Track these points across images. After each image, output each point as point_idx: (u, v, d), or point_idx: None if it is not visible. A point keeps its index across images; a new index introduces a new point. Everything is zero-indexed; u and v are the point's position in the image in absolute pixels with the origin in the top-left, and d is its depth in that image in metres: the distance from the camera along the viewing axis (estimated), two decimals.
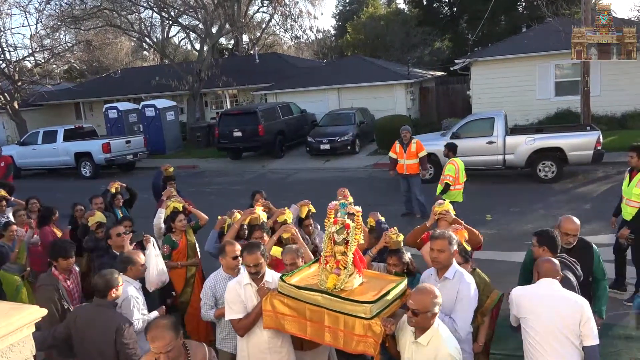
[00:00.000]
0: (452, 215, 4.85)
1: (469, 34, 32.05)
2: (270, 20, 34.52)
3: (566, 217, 4.71)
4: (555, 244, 4.19)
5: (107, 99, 28.50)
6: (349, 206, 3.77)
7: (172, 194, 6.78)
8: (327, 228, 3.66)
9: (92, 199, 7.31)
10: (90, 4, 26.37)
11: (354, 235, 3.61)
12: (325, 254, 3.67)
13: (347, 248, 3.59)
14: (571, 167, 13.04)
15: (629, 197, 6.37)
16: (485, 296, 4.04)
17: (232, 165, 19.61)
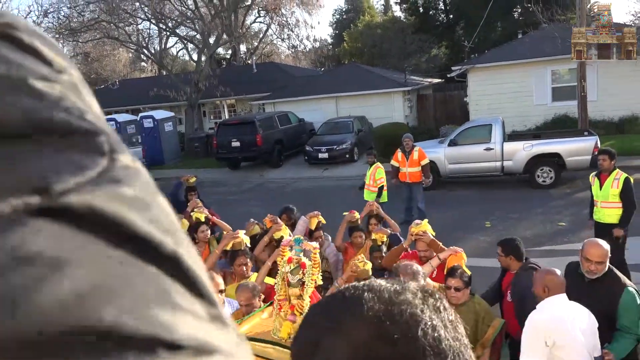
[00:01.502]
0: (430, 235, 4.62)
1: (465, 41, 32.16)
2: (267, 30, 34.69)
3: (590, 240, 4.08)
4: (519, 252, 4.34)
5: (106, 111, 28.26)
6: (305, 242, 3.45)
7: (198, 205, 6.69)
8: (280, 268, 3.30)
9: None
10: (88, 16, 26.50)
11: (311, 276, 3.26)
12: (279, 297, 3.30)
13: (304, 290, 3.23)
14: (569, 172, 13.04)
15: (606, 200, 6.53)
16: (487, 325, 3.79)
17: (230, 175, 19.61)
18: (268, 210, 6.64)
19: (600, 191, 6.64)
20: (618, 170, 6.62)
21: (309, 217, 5.79)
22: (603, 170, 6.64)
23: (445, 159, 13.48)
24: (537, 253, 8.21)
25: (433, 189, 13.00)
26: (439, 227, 10.34)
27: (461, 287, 3.79)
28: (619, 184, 6.43)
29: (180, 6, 27.38)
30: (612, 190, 6.47)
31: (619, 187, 6.42)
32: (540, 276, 3.48)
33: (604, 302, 3.63)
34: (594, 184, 6.78)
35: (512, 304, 4.32)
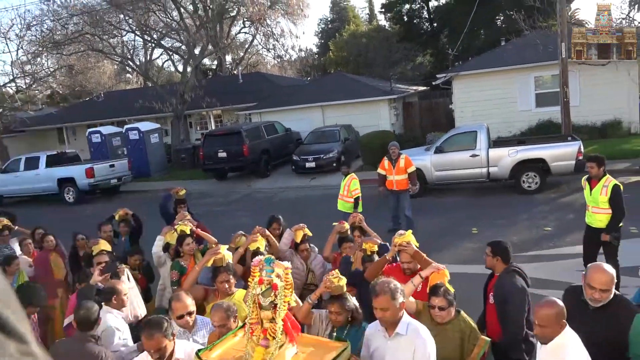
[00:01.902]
0: (413, 246, 4.45)
1: (449, 49, 32.48)
2: (253, 40, 34.81)
3: (594, 265, 3.60)
4: (508, 255, 4.34)
5: (91, 123, 28.31)
6: (276, 262, 3.23)
7: (185, 217, 6.59)
8: (251, 290, 3.11)
9: (101, 226, 6.99)
10: (72, 28, 26.32)
11: (284, 298, 3.08)
12: (251, 321, 3.12)
13: (276, 313, 3.05)
14: (554, 177, 13.16)
15: (596, 205, 6.58)
16: (472, 344, 3.69)
17: (217, 186, 19.52)
18: (256, 221, 6.60)
19: (590, 196, 6.68)
20: (608, 177, 6.60)
21: (294, 230, 5.68)
22: (592, 177, 6.67)
23: (432, 166, 13.55)
24: (524, 258, 8.26)
25: (420, 196, 13.04)
26: (426, 234, 10.38)
27: (445, 306, 3.67)
28: (607, 191, 6.42)
29: (165, 18, 27.33)
30: (601, 197, 6.49)
31: (607, 194, 6.43)
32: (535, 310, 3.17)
33: (612, 331, 3.33)
34: (585, 188, 6.83)
35: (494, 307, 4.33)
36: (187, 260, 5.69)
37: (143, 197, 18.93)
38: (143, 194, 19.76)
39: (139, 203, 17.46)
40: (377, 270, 4.60)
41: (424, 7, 40.41)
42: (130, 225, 7.56)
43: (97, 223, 7.23)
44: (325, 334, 3.85)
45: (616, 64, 16.40)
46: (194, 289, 4.55)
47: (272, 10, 28.54)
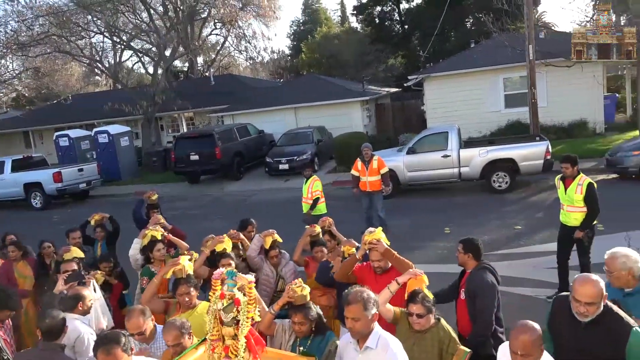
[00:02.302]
0: (384, 244, 4.31)
1: (420, 51, 32.87)
2: (225, 42, 34.53)
3: (580, 277, 3.22)
4: (479, 251, 4.37)
5: (58, 127, 27.66)
6: (239, 275, 3.06)
7: (159, 220, 6.49)
8: (212, 304, 2.96)
9: (69, 233, 6.78)
10: (38, 30, 25.68)
11: (247, 313, 2.93)
12: (212, 337, 2.95)
13: (239, 330, 2.91)
14: (523, 177, 13.41)
15: (571, 204, 6.64)
16: (451, 354, 3.60)
17: (190, 189, 19.29)
18: (230, 224, 6.52)
19: (565, 195, 6.74)
20: (582, 175, 6.63)
21: (264, 236, 5.50)
22: (567, 176, 6.73)
23: (405, 167, 13.66)
24: (495, 257, 8.38)
25: (393, 197, 13.13)
26: (400, 234, 10.46)
27: (423, 313, 3.55)
28: (582, 189, 6.48)
29: (135, 19, 26.90)
30: (576, 196, 6.57)
31: (582, 192, 6.50)
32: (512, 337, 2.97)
33: (607, 349, 3.09)
34: (558, 187, 6.89)
35: (464, 302, 4.35)
36: (157, 267, 5.57)
37: (113, 201, 18.58)
38: (113, 198, 19.41)
39: (110, 207, 17.12)
40: (346, 270, 4.51)
41: (395, 10, 40.75)
42: (107, 230, 7.38)
43: (65, 230, 7.02)
44: (288, 344, 3.76)
45: (581, 66, 16.82)
46: (154, 302, 4.36)
47: (243, 12, 28.39)
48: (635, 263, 3.54)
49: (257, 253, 5.47)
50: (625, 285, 3.60)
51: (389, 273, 4.29)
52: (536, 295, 6.93)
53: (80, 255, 5.78)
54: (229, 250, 5.20)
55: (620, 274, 3.56)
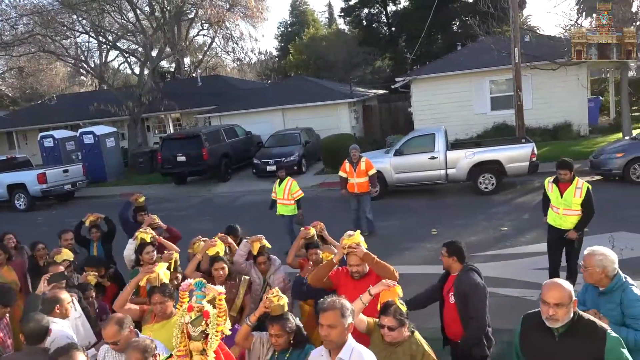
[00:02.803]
0: (362, 248, 4.15)
1: (407, 53, 33.02)
2: (212, 42, 34.38)
3: (548, 281, 3.24)
4: (462, 254, 4.33)
5: (43, 127, 27.33)
6: (208, 286, 2.91)
7: (154, 221, 6.40)
8: (179, 317, 2.82)
9: (61, 235, 6.65)
10: (22, 29, 25.39)
11: (216, 327, 2.78)
12: (178, 353, 2.80)
13: (207, 344, 2.77)
14: (509, 178, 13.53)
15: (568, 207, 6.50)
16: None
17: (177, 190, 19.17)
18: (217, 226, 6.49)
19: (561, 199, 6.55)
20: (578, 179, 6.55)
21: (251, 242, 5.34)
22: (565, 181, 6.53)
23: (392, 169, 13.71)
24: (482, 258, 8.45)
25: (381, 198, 13.18)
26: (387, 236, 10.50)
27: (395, 326, 3.37)
28: (581, 193, 6.40)
29: (121, 19, 26.69)
30: (575, 199, 6.42)
31: (582, 196, 6.38)
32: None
33: (585, 358, 3.05)
34: (551, 191, 6.68)
35: (454, 306, 4.26)
36: None
37: (99, 203, 18.38)
38: (99, 200, 19.21)
39: (95, 209, 16.94)
40: (321, 274, 4.31)
41: (382, 12, 40.91)
42: (102, 230, 7.26)
43: (57, 232, 6.89)
44: (266, 358, 3.65)
45: (566, 69, 17.01)
46: (127, 309, 4.20)
47: (231, 13, 28.27)
48: (611, 263, 3.65)
49: (244, 259, 5.35)
50: (598, 283, 3.72)
51: (367, 278, 4.16)
52: (523, 295, 6.99)
53: (70, 257, 5.68)
54: (222, 253, 5.09)
55: (594, 270, 3.67)
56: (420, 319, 4.57)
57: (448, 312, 4.38)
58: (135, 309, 4.28)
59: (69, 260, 5.59)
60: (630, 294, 3.63)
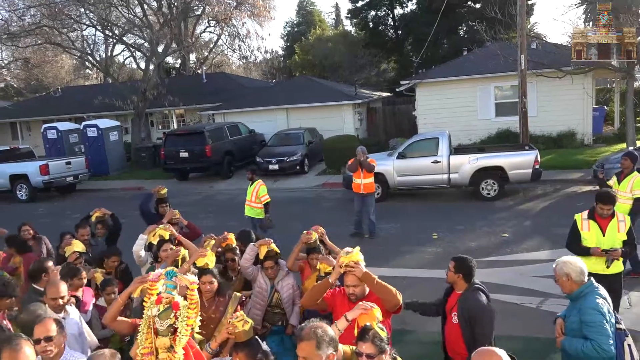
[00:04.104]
0: (362, 267, 3.72)
1: (413, 56, 33.01)
2: (218, 40, 34.36)
3: (482, 349, 2.74)
4: (471, 273, 4.05)
5: (47, 119, 27.35)
6: (179, 276, 2.69)
7: (175, 215, 6.34)
8: (146, 310, 2.56)
9: (78, 229, 6.51)
10: (29, 20, 25.40)
11: (186, 320, 2.54)
12: (143, 351, 2.55)
13: (176, 340, 2.51)
14: (512, 185, 13.52)
15: (612, 245, 5.29)
16: None
17: (178, 186, 19.17)
18: (219, 223, 6.47)
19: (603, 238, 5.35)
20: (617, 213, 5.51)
21: (259, 245, 5.08)
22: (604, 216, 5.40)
23: (394, 171, 13.70)
24: (482, 264, 8.42)
25: (382, 201, 13.18)
26: (388, 238, 10.50)
27: (374, 353, 2.94)
28: (626, 225, 5.38)
29: (128, 13, 26.70)
30: (620, 235, 5.34)
31: (626, 229, 5.34)
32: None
33: None
34: (588, 230, 5.44)
35: (457, 326, 4.04)
36: None
37: (100, 196, 18.42)
38: (100, 193, 19.25)
39: (97, 202, 16.99)
40: (315, 295, 3.88)
41: (389, 15, 40.88)
42: (108, 226, 7.16)
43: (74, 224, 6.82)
44: None
45: (572, 78, 16.98)
46: (118, 323, 3.83)
47: (238, 11, 28.25)
48: (573, 270, 3.76)
49: (250, 263, 5.12)
50: (570, 290, 3.83)
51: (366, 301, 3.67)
52: (521, 302, 6.98)
53: (81, 249, 5.61)
54: (212, 265, 4.67)
55: (561, 280, 3.81)
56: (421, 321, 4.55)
57: (450, 331, 4.17)
58: (126, 322, 3.89)
59: (78, 252, 5.53)
60: (588, 302, 3.67)
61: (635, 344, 3.81)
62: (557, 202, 12.66)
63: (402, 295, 3.79)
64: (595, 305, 3.63)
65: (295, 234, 5.71)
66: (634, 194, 7.32)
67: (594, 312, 3.60)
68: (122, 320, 3.85)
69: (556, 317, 4.02)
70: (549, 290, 7.22)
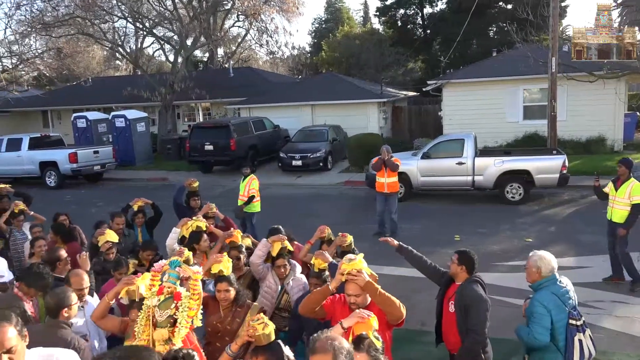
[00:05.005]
0: (365, 276, 3.51)
1: (441, 56, 32.69)
2: (246, 35, 34.57)
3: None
4: (473, 265, 4.22)
5: (77, 108, 27.93)
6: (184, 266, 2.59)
7: (212, 209, 6.38)
8: (146, 301, 2.47)
9: (114, 218, 6.57)
10: (63, 11, 25.94)
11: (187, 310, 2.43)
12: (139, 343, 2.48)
13: (174, 332, 2.41)
14: (537, 189, 13.30)
15: None
16: None
17: (202, 178, 19.29)
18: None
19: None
20: None
21: (272, 242, 4.88)
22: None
23: (418, 171, 13.61)
24: (505, 268, 8.33)
25: (405, 200, 13.11)
26: (409, 238, 10.37)
27: None
28: None
29: (159, 6, 27.06)
30: None
31: None
32: None
33: None
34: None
35: (453, 315, 4.17)
36: (199, 258, 5.29)
37: (126, 186, 18.76)
38: (126, 183, 19.58)
39: (123, 191, 17.30)
40: (314, 303, 3.67)
41: (418, 14, 40.56)
42: (147, 216, 7.26)
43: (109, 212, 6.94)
44: None
45: (604, 82, 16.61)
46: (107, 321, 3.66)
47: (267, 6, 28.42)
48: (545, 265, 4.07)
49: (261, 260, 4.89)
50: (533, 280, 4.15)
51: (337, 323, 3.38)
52: None
53: (114, 239, 5.64)
54: (227, 272, 4.35)
55: (531, 270, 4.12)
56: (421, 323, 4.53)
57: (446, 320, 4.32)
58: (114, 320, 3.73)
59: (111, 242, 5.57)
60: (540, 295, 4.02)
61: None
62: (584, 208, 12.41)
63: (421, 296, 3.77)
64: (543, 299, 3.96)
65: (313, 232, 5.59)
66: (632, 200, 7.33)
67: (538, 305, 3.95)
68: (110, 318, 3.69)
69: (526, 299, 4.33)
70: None
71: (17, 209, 7.22)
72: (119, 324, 3.68)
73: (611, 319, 6.60)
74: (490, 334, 4.23)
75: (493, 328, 4.15)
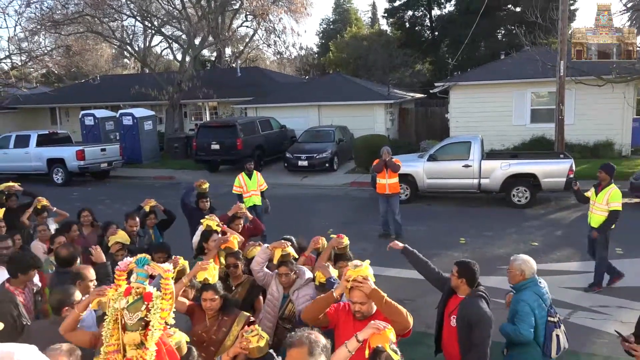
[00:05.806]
0: (370, 284, 3.41)
1: (449, 58, 32.61)
2: (254, 34, 34.62)
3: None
4: (473, 278, 4.08)
5: (84, 106, 28.06)
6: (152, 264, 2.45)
7: (242, 209, 6.36)
8: (112, 303, 2.32)
9: (128, 219, 6.54)
10: (72, 9, 26.06)
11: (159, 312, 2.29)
12: (108, 348, 2.33)
13: (147, 335, 2.27)
14: (544, 193, 13.25)
15: None
16: None
17: (209, 178, 19.29)
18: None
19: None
20: None
21: (272, 248, 4.65)
22: None
23: (424, 173, 13.58)
24: None
25: (410, 202, 13.10)
26: (414, 241, 10.39)
27: None
28: None
29: (167, 5, 27.18)
30: None
31: None
32: None
33: None
34: None
35: (454, 330, 4.05)
36: (210, 258, 5.09)
37: (132, 184, 18.83)
38: (132, 180, 19.65)
39: (129, 189, 17.37)
40: (317, 310, 3.55)
41: (426, 15, 40.51)
42: (157, 216, 7.29)
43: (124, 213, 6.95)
44: None
45: (612, 86, 16.52)
46: (76, 334, 3.36)
47: (275, 6, 28.45)
48: (529, 268, 4.35)
49: (262, 267, 4.71)
50: (515, 282, 4.41)
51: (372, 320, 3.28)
52: None
53: (124, 240, 5.62)
54: (213, 280, 4.16)
55: (514, 273, 4.39)
56: None
57: (447, 333, 4.21)
58: (84, 333, 3.46)
59: (121, 243, 5.56)
60: (523, 295, 4.30)
61: None
62: None
63: (427, 298, 3.76)
64: (527, 299, 4.25)
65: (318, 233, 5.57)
66: (609, 206, 7.32)
67: (523, 304, 4.24)
68: (80, 332, 3.43)
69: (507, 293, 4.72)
70: (578, 302, 7.09)
71: (40, 205, 7.28)
72: (90, 339, 3.37)
73: (616, 324, 6.57)
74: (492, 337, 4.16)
75: (494, 331, 4.12)
